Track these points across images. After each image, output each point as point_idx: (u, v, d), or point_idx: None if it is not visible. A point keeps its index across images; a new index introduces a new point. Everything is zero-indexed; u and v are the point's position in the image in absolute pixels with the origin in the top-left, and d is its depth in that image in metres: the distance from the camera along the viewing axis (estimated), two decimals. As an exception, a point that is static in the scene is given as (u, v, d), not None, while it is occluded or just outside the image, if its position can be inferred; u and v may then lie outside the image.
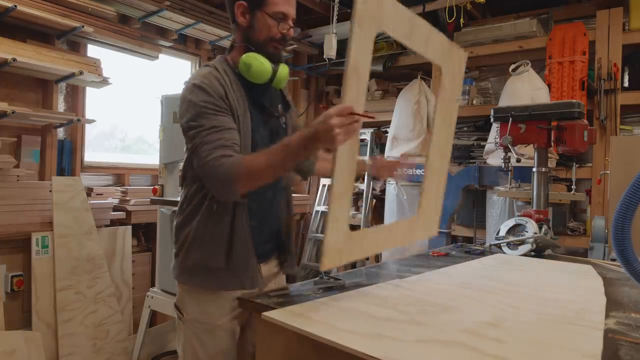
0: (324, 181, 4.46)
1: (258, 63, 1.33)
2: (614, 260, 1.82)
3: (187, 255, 1.37)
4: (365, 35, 1.05)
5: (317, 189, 4.59)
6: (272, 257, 1.50)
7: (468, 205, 3.77)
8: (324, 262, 1.12)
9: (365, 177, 4.39)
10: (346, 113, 1.05)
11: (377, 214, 4.50)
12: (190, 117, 1.27)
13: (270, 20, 1.34)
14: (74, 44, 3.08)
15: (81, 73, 2.79)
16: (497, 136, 2.28)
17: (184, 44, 3.75)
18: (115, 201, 3.18)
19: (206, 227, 1.33)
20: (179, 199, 1.45)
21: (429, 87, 4.03)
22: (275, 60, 1.38)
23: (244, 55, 1.35)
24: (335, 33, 3.03)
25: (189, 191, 1.39)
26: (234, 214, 1.31)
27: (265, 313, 1.06)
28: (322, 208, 4.48)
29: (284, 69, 1.40)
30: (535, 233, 1.95)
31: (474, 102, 4.04)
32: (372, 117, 1.13)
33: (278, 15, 1.34)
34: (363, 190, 4.44)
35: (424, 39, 1.23)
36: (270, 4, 1.33)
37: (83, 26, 2.80)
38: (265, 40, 1.36)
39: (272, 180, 1.28)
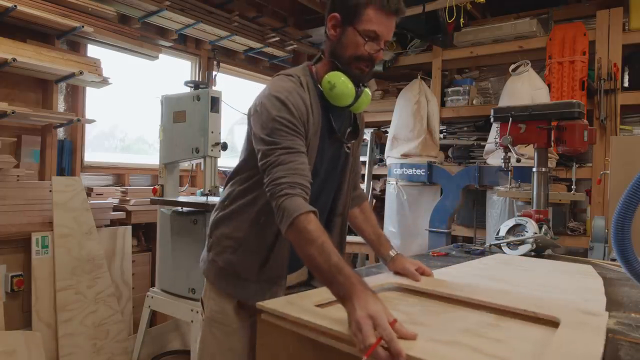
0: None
1: (342, 85, 1.27)
2: (614, 260, 1.82)
3: (220, 255, 1.35)
4: None
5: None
6: (302, 267, 1.46)
7: (468, 205, 3.77)
8: None
9: (366, 178, 4.40)
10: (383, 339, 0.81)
11: (377, 214, 4.49)
12: (268, 131, 1.19)
13: (359, 38, 1.25)
14: (74, 44, 3.08)
15: (81, 73, 2.79)
16: (497, 136, 2.28)
17: (184, 44, 3.75)
18: (115, 201, 3.18)
19: (247, 235, 1.30)
20: (180, 198, 1.45)
21: (429, 87, 4.03)
22: (360, 82, 1.31)
23: (329, 74, 1.28)
24: (335, 33, 3.02)
25: (234, 190, 1.35)
26: (278, 231, 1.21)
27: (260, 303, 1.06)
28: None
29: (367, 95, 1.34)
30: (535, 233, 1.95)
31: (474, 102, 4.04)
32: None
33: (370, 33, 1.25)
34: (363, 190, 4.44)
35: None
36: (364, 21, 1.24)
37: (83, 26, 2.80)
38: (350, 58, 1.28)
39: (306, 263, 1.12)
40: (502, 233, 2.05)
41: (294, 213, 1.07)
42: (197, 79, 3.81)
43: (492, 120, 2.27)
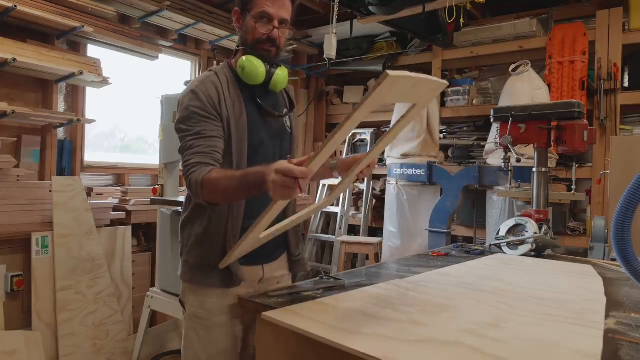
0: (324, 181, 4.47)
1: (250, 65, 1.36)
2: (614, 260, 1.82)
3: (190, 253, 1.40)
4: (365, 114, 1.02)
5: (317, 189, 4.60)
6: (279, 259, 1.51)
7: (468, 205, 3.77)
8: (224, 262, 1.23)
9: (366, 178, 4.40)
10: (288, 174, 1.00)
11: (377, 214, 4.50)
12: (180, 120, 1.34)
13: (254, 23, 1.38)
14: (74, 44, 3.08)
15: (81, 73, 2.79)
16: (497, 136, 2.28)
17: (184, 44, 3.76)
18: (115, 201, 3.18)
19: (206, 227, 1.37)
20: (180, 198, 1.47)
21: (429, 87, 4.03)
22: (271, 62, 1.40)
23: (240, 59, 1.39)
24: (335, 33, 3.02)
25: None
26: (228, 216, 1.35)
27: (265, 313, 1.06)
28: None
29: (281, 72, 1.43)
30: (535, 233, 1.95)
31: (474, 102, 4.04)
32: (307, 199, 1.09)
33: (261, 14, 1.37)
34: (363, 190, 4.44)
35: (424, 93, 1.21)
36: (255, 5, 1.37)
37: (83, 26, 2.80)
38: (252, 43, 1.39)
39: (236, 200, 1.32)
40: (502, 233, 2.05)
41: (199, 179, 1.22)
42: (197, 79, 3.81)
43: (492, 120, 2.27)
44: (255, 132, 1.39)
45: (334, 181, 4.45)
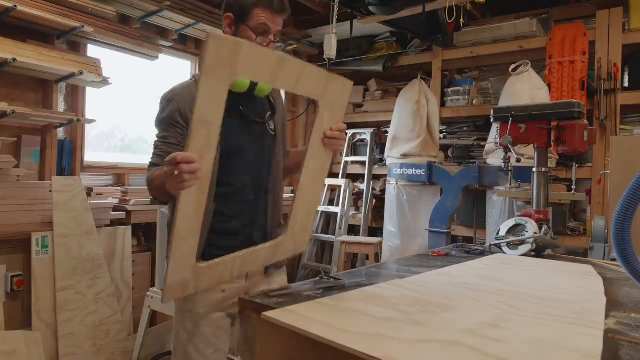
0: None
1: None
2: (614, 260, 1.82)
3: None
4: (215, 85, 1.01)
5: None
6: None
7: (468, 205, 3.77)
8: (165, 295, 1.14)
9: (366, 178, 4.40)
10: (173, 162, 1.02)
11: (377, 214, 4.50)
12: (155, 121, 1.48)
13: (251, 33, 1.43)
14: (74, 44, 3.08)
15: (81, 73, 2.79)
16: (497, 136, 2.28)
17: (184, 44, 3.75)
18: (115, 201, 3.18)
19: None
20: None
21: (429, 87, 4.03)
22: None
23: None
24: (335, 33, 3.02)
25: None
26: (205, 212, 1.37)
27: (265, 313, 1.06)
28: (320, 208, 4.48)
29: None
30: (535, 233, 1.94)
31: (474, 102, 4.04)
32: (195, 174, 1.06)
33: (261, 27, 1.43)
34: (363, 190, 4.44)
35: (294, 78, 1.20)
36: (253, 16, 1.43)
37: (83, 26, 2.80)
38: None
39: (169, 197, 1.33)
40: (502, 233, 2.05)
41: (148, 179, 1.39)
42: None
43: (492, 120, 2.27)
44: (233, 137, 1.45)
45: (335, 181, 4.45)
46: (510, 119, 2.14)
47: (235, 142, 1.47)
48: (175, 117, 1.42)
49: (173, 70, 3.87)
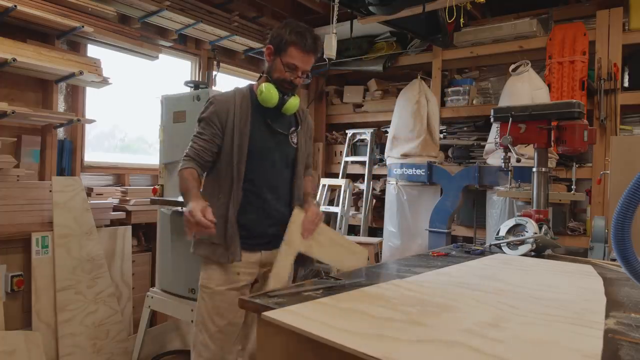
0: (324, 181, 4.47)
1: (267, 92, 1.71)
2: (614, 260, 1.82)
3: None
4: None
5: (318, 188, 4.59)
6: (276, 249, 1.72)
7: (468, 205, 3.77)
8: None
9: (366, 178, 4.40)
10: (194, 221, 1.47)
11: (377, 214, 4.50)
12: (198, 118, 1.78)
13: (283, 67, 1.72)
14: (74, 44, 3.08)
15: (81, 73, 2.79)
16: (497, 136, 2.28)
17: (184, 44, 3.75)
18: (115, 201, 3.18)
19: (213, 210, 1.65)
20: (180, 198, 1.64)
21: (429, 87, 4.03)
22: (284, 92, 1.74)
23: (261, 84, 1.74)
24: (335, 33, 3.02)
25: (207, 179, 1.81)
26: (228, 202, 1.71)
27: (265, 313, 1.06)
28: (322, 208, 4.47)
29: (293, 100, 1.77)
30: (535, 233, 1.95)
31: (474, 102, 4.04)
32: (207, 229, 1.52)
33: (291, 65, 1.71)
34: (363, 190, 4.44)
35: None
36: (288, 55, 1.71)
37: (83, 26, 2.80)
38: (277, 80, 1.74)
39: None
40: (502, 233, 2.05)
41: (179, 169, 1.72)
42: (197, 79, 3.81)
43: (492, 120, 2.27)
44: (259, 140, 1.75)
45: (335, 181, 4.45)
46: (510, 119, 2.14)
47: (260, 145, 1.75)
48: (212, 118, 1.73)
49: (173, 70, 3.87)
